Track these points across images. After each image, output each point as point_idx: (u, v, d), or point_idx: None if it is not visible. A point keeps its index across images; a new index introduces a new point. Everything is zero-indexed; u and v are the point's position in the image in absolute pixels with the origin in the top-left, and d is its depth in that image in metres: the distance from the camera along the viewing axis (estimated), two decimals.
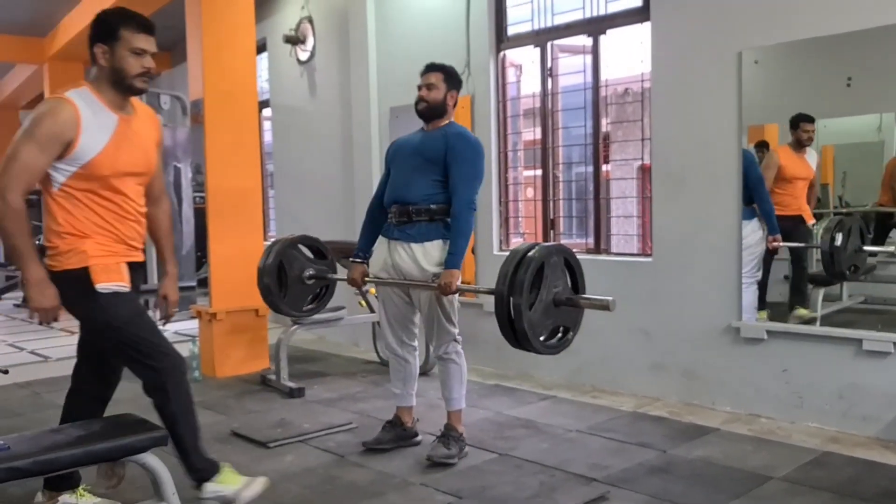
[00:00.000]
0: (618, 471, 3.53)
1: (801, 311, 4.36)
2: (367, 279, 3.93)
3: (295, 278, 4.42)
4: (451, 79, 3.80)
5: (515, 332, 3.10)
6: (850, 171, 4.45)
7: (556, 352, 3.31)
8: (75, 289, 2.88)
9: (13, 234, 2.80)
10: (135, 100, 2.97)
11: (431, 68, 3.82)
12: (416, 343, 3.97)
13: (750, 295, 4.39)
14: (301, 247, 4.59)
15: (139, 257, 3.07)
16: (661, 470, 3.54)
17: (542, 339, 3.19)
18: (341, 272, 4.86)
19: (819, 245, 4.32)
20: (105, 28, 2.85)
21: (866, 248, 4.21)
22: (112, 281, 2.88)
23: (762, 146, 4.52)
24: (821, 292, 4.35)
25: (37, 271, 2.82)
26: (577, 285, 3.30)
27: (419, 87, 3.79)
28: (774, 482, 3.36)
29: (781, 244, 4.42)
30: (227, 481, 3.11)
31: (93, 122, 2.75)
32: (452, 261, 3.57)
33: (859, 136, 4.25)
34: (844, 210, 4.45)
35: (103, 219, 2.90)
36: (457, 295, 3.69)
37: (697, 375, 4.60)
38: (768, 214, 4.42)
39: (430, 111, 3.77)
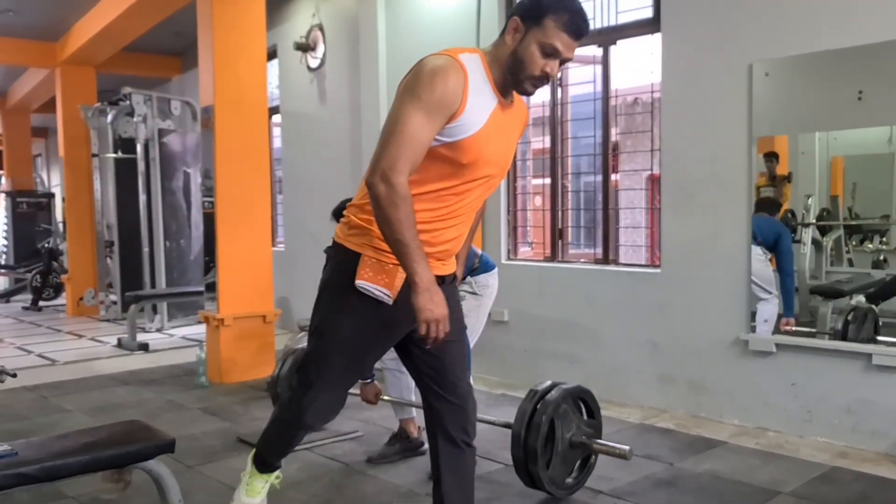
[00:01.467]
0: (624, 483, 3.51)
1: None
2: (380, 398, 3.94)
3: None
4: None
5: (539, 489, 3.26)
6: (860, 183, 4.43)
7: (582, 485, 3.41)
8: (339, 272, 2.40)
9: (400, 226, 2.12)
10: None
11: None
12: None
13: (771, 308, 4.33)
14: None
15: (443, 270, 2.39)
16: (668, 483, 3.53)
17: (567, 482, 3.32)
18: None
19: (829, 332, 4.23)
20: (533, 5, 2.24)
21: (879, 338, 4.12)
22: (378, 284, 2.30)
23: (771, 157, 4.51)
24: (829, 305, 4.32)
25: (426, 274, 2.13)
26: (593, 413, 3.43)
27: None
28: (782, 497, 3.34)
29: (795, 328, 4.31)
30: (252, 488, 2.92)
31: (477, 96, 2.22)
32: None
33: (870, 148, 4.24)
34: (854, 222, 4.44)
35: (428, 212, 2.28)
36: (485, 316, 3.84)
37: (705, 388, 4.58)
38: (788, 293, 4.34)
39: None
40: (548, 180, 5.60)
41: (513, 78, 2.28)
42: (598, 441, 3.34)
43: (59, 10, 8.60)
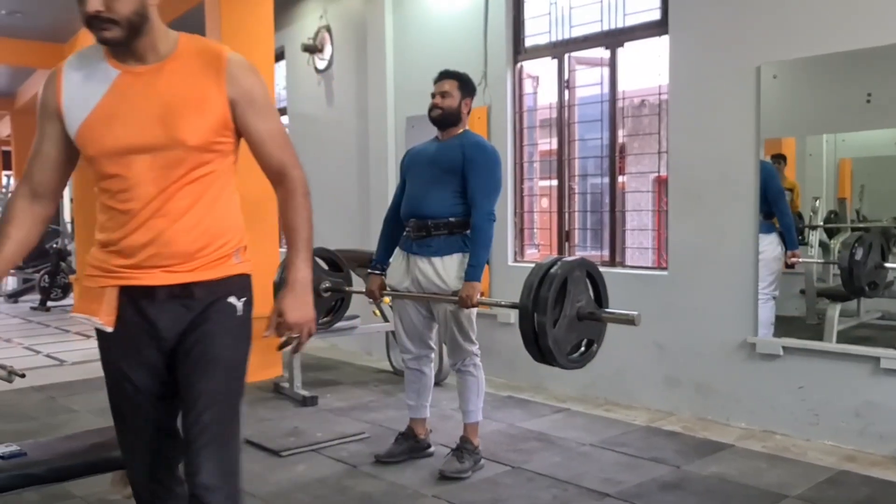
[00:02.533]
0: (631, 486, 3.51)
1: None
2: (384, 292, 3.93)
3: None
4: (466, 86, 3.78)
5: (541, 349, 3.10)
6: (868, 185, 4.42)
7: (580, 366, 3.30)
8: None
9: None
10: (196, 40, 2.02)
11: (445, 75, 3.80)
12: (432, 355, 3.97)
13: (767, 311, 4.35)
14: (317, 259, 4.58)
15: (152, 279, 1.97)
16: (675, 486, 3.52)
17: (567, 353, 3.19)
18: (356, 281, 4.87)
19: (838, 261, 4.28)
20: None
21: (887, 264, 4.17)
22: (88, 313, 2.08)
23: (779, 158, 4.50)
24: (837, 308, 4.31)
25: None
26: (601, 299, 3.31)
27: (433, 95, 3.77)
28: (789, 501, 3.33)
29: (801, 260, 4.38)
30: None
31: (80, 84, 1.94)
32: (473, 273, 3.55)
33: (878, 150, 4.23)
34: (862, 224, 4.42)
35: (103, 217, 2.02)
36: (475, 310, 3.67)
37: (712, 390, 4.57)
38: (788, 228, 4.39)
39: (445, 119, 3.74)
40: (555, 182, 5.60)
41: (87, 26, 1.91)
42: (605, 311, 3.25)
43: (67, 12, 8.63)
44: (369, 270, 3.97)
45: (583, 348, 3.26)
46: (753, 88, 4.29)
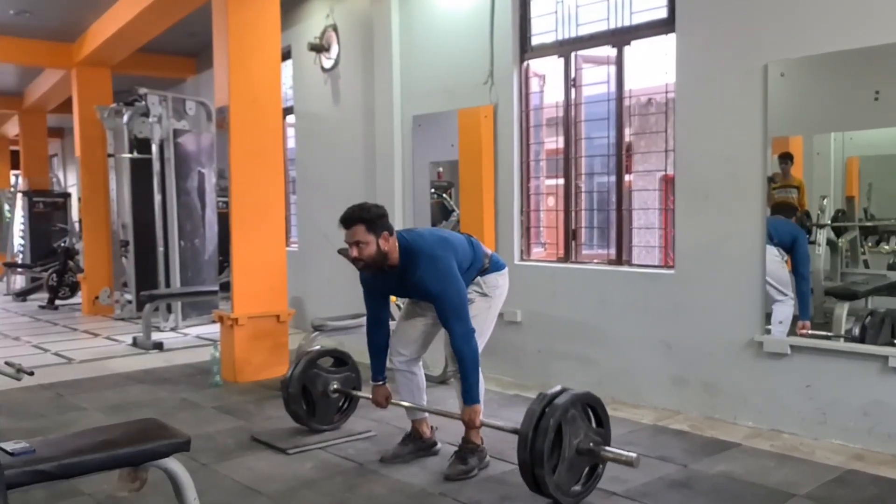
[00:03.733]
0: (638, 485, 3.51)
1: None
2: (391, 401, 3.92)
3: (320, 395, 4.43)
4: (373, 224, 3.48)
5: (545, 495, 3.21)
6: (876, 183, 4.40)
7: (587, 495, 3.34)
8: None
9: None
10: None
11: (349, 222, 3.49)
12: (422, 357, 3.99)
13: (787, 309, 4.31)
14: (319, 364, 4.56)
15: None
16: (682, 485, 3.52)
17: (571, 491, 3.27)
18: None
19: (843, 335, 4.19)
20: None
21: None
22: None
23: (786, 158, 4.49)
24: (845, 307, 4.29)
25: None
26: (602, 421, 3.39)
27: (349, 245, 3.53)
28: (797, 500, 3.32)
29: (811, 332, 4.27)
30: None
31: None
32: (469, 398, 3.53)
33: (886, 148, 4.20)
34: (870, 223, 4.40)
35: None
36: (495, 316, 3.76)
37: (719, 389, 4.56)
38: (804, 296, 4.31)
39: (374, 265, 3.55)
40: (561, 181, 5.59)
41: None
42: (606, 448, 3.28)
43: (75, 12, 8.67)
44: (372, 383, 3.94)
45: (587, 474, 3.34)
46: (760, 87, 4.28)
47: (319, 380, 4.44)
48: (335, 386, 4.46)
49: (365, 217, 3.49)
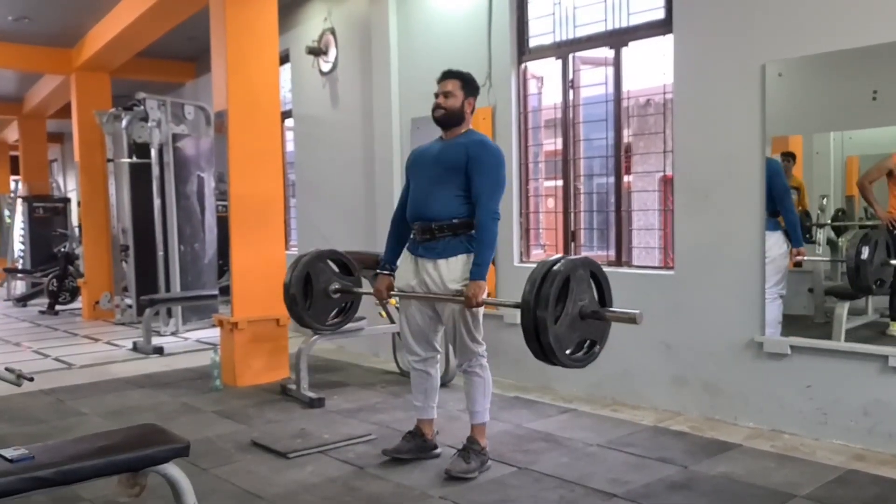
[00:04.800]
0: (638, 486, 3.50)
1: None
2: (391, 293, 3.93)
3: (321, 291, 4.40)
4: (469, 86, 3.78)
5: (542, 346, 3.09)
6: (875, 183, 4.39)
7: (582, 365, 3.29)
8: None
9: None
10: None
11: (448, 75, 3.80)
12: (438, 355, 3.97)
13: (774, 310, 4.34)
14: (329, 261, 4.58)
15: None
16: (683, 486, 3.51)
17: (568, 352, 3.18)
18: (364, 284, 4.87)
19: (845, 259, 4.26)
20: None
21: (893, 261, 4.15)
22: None
23: (788, 156, 4.49)
24: (845, 306, 4.29)
25: None
26: (604, 298, 3.30)
27: (436, 95, 3.77)
28: (798, 500, 3.32)
29: (807, 258, 4.36)
30: None
31: None
32: (478, 272, 3.56)
33: (885, 147, 4.20)
34: (870, 222, 4.40)
35: None
36: (482, 309, 3.67)
37: (719, 390, 4.56)
38: (793, 226, 4.37)
39: (448, 118, 3.75)
40: (560, 182, 5.59)
41: None
42: (608, 309, 3.24)
43: (73, 17, 8.68)
44: (377, 270, 3.99)
45: (585, 348, 3.26)
46: (759, 87, 4.28)
47: (323, 276, 4.41)
48: (336, 286, 4.43)
49: (465, 76, 3.80)
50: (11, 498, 2.32)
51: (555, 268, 3.10)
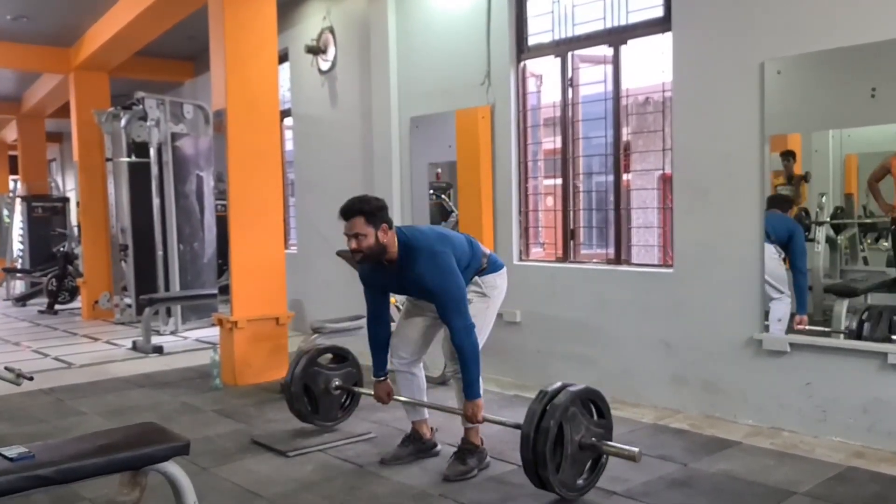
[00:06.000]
0: (638, 484, 3.51)
1: None
2: (392, 397, 3.93)
3: (322, 392, 4.43)
4: (373, 216, 3.48)
5: (551, 492, 3.24)
6: (883, 180, 4.39)
7: (593, 484, 3.39)
8: None
9: None
10: None
11: (349, 214, 3.50)
12: (423, 358, 3.99)
13: (784, 307, 4.31)
14: (320, 360, 4.55)
15: None
16: (683, 484, 3.52)
17: (576, 486, 3.30)
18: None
19: (843, 331, 4.19)
20: None
21: (894, 336, 4.04)
22: None
23: (788, 155, 4.49)
24: (844, 304, 4.29)
25: None
26: (603, 413, 3.40)
27: (347, 237, 3.52)
28: (797, 497, 3.32)
29: (808, 327, 4.27)
30: None
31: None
32: (471, 392, 3.53)
33: (884, 145, 4.20)
34: (869, 220, 4.40)
35: None
36: (488, 308, 3.74)
37: (719, 388, 4.56)
38: (800, 290, 4.30)
39: (374, 258, 3.56)
40: (559, 181, 5.59)
41: None
42: (608, 443, 3.31)
43: (72, 16, 8.67)
44: (374, 378, 3.94)
45: (589, 468, 3.36)
46: (757, 84, 4.28)
47: (321, 377, 4.44)
48: (337, 382, 4.45)
49: (364, 209, 3.50)
50: (12, 496, 2.32)
51: (544, 421, 3.17)
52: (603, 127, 5.27)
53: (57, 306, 10.88)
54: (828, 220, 4.49)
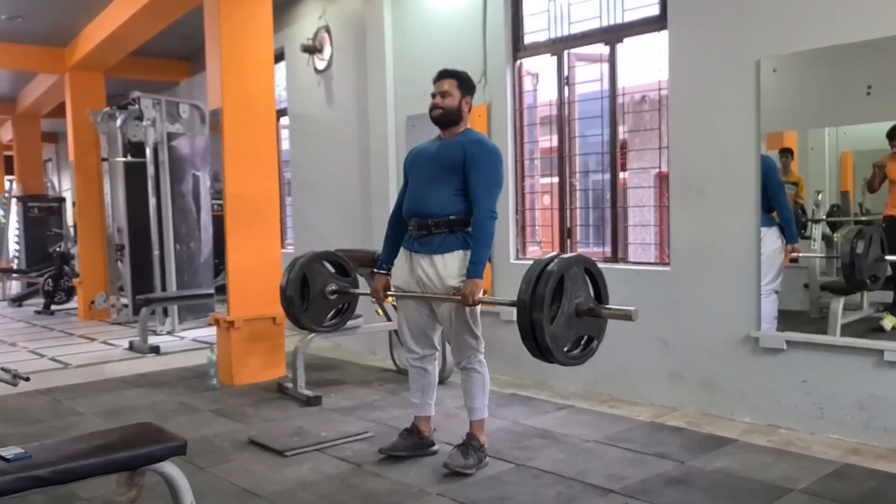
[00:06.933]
0: (636, 482, 3.51)
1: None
2: (388, 292, 3.94)
3: (318, 293, 4.38)
4: (465, 85, 3.78)
5: (539, 346, 3.10)
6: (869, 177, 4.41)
7: (580, 362, 3.30)
8: None
9: None
10: None
11: (444, 75, 3.80)
12: (436, 353, 3.97)
13: (770, 305, 4.35)
14: (325, 262, 4.56)
15: None
16: (680, 481, 3.52)
17: (565, 350, 3.19)
18: (361, 283, 4.87)
19: (839, 255, 4.27)
20: None
21: (887, 257, 4.16)
22: None
23: (786, 153, 4.50)
24: (841, 301, 4.30)
25: None
26: (601, 294, 3.30)
27: (433, 95, 3.77)
28: (794, 494, 3.33)
29: (802, 254, 4.37)
30: None
31: None
32: (474, 270, 3.55)
33: (879, 143, 4.21)
34: (865, 217, 4.41)
35: None
36: (479, 307, 3.68)
37: (716, 385, 4.57)
38: (788, 222, 4.38)
39: (446, 118, 3.76)
40: (556, 179, 5.60)
41: None
42: (604, 306, 3.25)
43: (67, 16, 8.65)
44: (374, 270, 3.99)
45: (582, 345, 3.26)
46: (753, 82, 4.29)
47: (320, 277, 4.40)
48: (333, 288, 4.42)
49: (461, 76, 3.79)
50: (9, 497, 2.32)
51: (549, 267, 3.11)
52: (599, 125, 5.27)
53: (53, 307, 10.86)
54: (824, 217, 4.50)
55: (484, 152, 3.67)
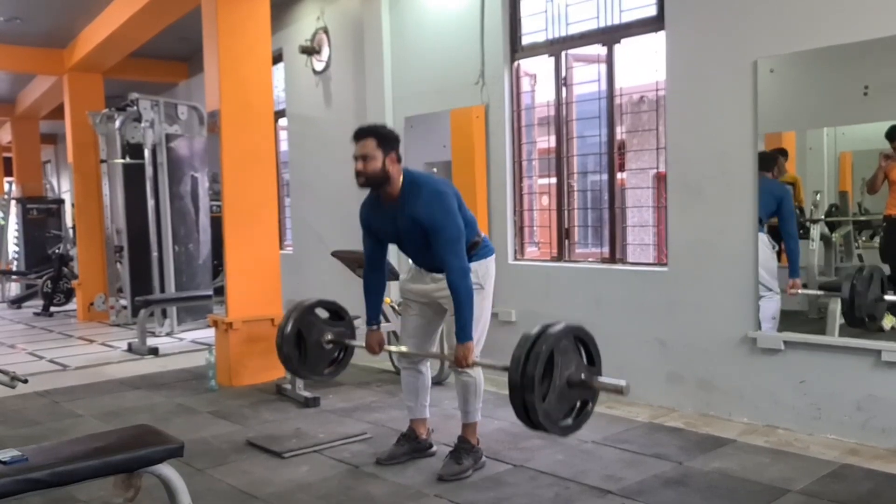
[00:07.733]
0: (633, 483, 3.51)
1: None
2: (383, 347, 3.92)
3: (314, 344, 4.39)
4: (386, 141, 3.53)
5: (533, 423, 3.11)
6: (869, 177, 4.41)
7: (576, 430, 3.26)
8: None
9: None
10: None
11: (362, 134, 3.53)
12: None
13: (773, 306, 4.33)
14: (318, 312, 4.55)
15: None
16: (677, 482, 3.52)
17: (560, 423, 3.18)
18: (359, 283, 4.85)
19: (840, 293, 4.20)
20: None
21: (886, 297, 4.07)
22: None
23: (780, 153, 4.49)
24: (839, 302, 4.30)
25: None
26: (593, 359, 3.30)
27: (355, 159, 3.53)
28: (792, 495, 3.33)
29: (801, 291, 4.32)
30: None
31: None
32: (462, 334, 3.47)
33: (877, 143, 4.21)
34: (864, 217, 4.42)
35: None
36: (484, 310, 3.71)
37: (714, 386, 4.57)
38: (793, 253, 4.33)
39: (372, 183, 3.55)
40: (554, 180, 5.60)
41: None
42: (596, 378, 3.20)
43: (66, 18, 8.65)
44: (366, 328, 3.93)
45: (577, 411, 3.23)
46: (751, 83, 4.29)
47: (315, 328, 4.39)
48: (329, 337, 4.42)
49: (378, 132, 3.54)
50: (6, 500, 2.32)
51: (537, 344, 3.09)
52: (597, 126, 5.27)
53: (52, 308, 10.86)
54: (822, 217, 4.50)
55: (430, 213, 3.46)
